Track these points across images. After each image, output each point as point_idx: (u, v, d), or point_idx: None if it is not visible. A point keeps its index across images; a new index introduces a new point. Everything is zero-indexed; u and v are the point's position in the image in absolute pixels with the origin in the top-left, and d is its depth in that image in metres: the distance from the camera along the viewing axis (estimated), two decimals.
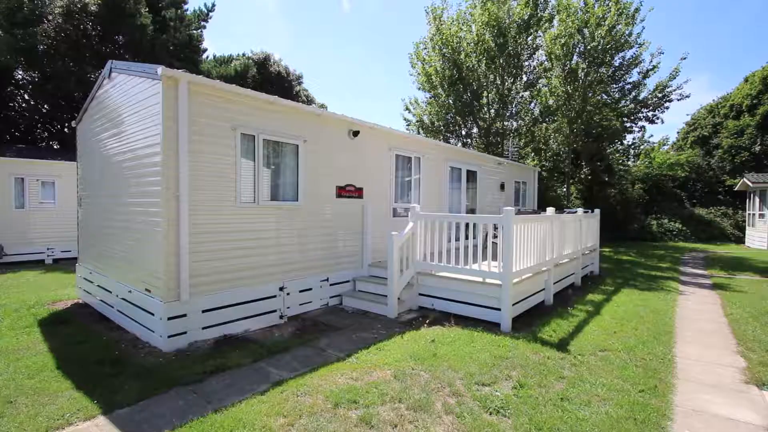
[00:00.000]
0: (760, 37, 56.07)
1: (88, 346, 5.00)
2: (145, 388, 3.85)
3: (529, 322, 5.96)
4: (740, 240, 21.78)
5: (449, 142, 18.63)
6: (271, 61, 26.66)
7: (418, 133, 19.28)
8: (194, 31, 21.86)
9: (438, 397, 3.64)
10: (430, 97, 18.68)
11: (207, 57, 25.69)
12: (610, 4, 15.71)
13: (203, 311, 5.09)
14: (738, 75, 52.41)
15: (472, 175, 11.30)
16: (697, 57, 58.27)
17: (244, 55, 26.91)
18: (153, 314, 4.96)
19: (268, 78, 25.76)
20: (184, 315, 4.92)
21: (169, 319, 4.79)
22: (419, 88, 18.78)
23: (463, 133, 19.16)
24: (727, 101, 31.78)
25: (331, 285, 6.82)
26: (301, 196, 6.30)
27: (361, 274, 7.40)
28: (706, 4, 59.29)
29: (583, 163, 21.76)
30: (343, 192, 7.00)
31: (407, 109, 20.08)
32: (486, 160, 11.96)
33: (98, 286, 6.61)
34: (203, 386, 3.91)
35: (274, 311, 5.88)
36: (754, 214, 20.09)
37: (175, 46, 20.15)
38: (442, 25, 17.06)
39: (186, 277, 4.84)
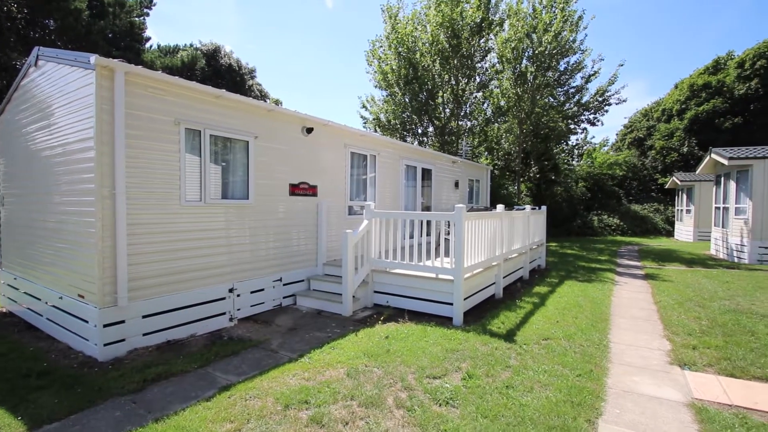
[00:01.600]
0: (689, 46, 61.56)
1: (13, 358, 4.57)
2: (77, 400, 3.58)
3: (480, 315, 6.17)
4: (670, 233, 23.83)
5: (406, 141, 18.83)
6: (222, 53, 25.59)
7: (375, 131, 19.31)
8: (136, 18, 20.52)
9: (390, 392, 3.67)
10: (387, 96, 18.78)
11: (150, 46, 24.21)
12: (556, 12, 16.56)
13: (144, 316, 4.80)
14: (670, 81, 57.32)
15: (427, 173, 11.50)
16: (634, 64, 63.02)
17: (191, 45, 25.63)
18: (87, 322, 4.61)
19: (218, 71, 24.73)
20: (122, 321, 4.61)
21: (105, 326, 4.48)
22: (376, 86, 18.83)
23: (420, 131, 19.44)
24: (660, 106, 34.64)
25: (284, 285, 6.68)
26: (252, 194, 6.11)
27: (316, 273, 7.31)
28: (644, 14, 64.21)
29: (532, 162, 22.83)
30: (296, 190, 6.87)
31: (364, 106, 20.06)
32: (441, 159, 12.22)
33: (25, 293, 6.05)
34: (143, 395, 3.70)
35: (224, 314, 5.67)
36: (681, 210, 22.06)
37: (115, 34, 18.82)
38: (397, 24, 17.18)
39: (124, 280, 4.54)
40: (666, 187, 24.54)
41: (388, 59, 17.73)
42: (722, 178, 14.32)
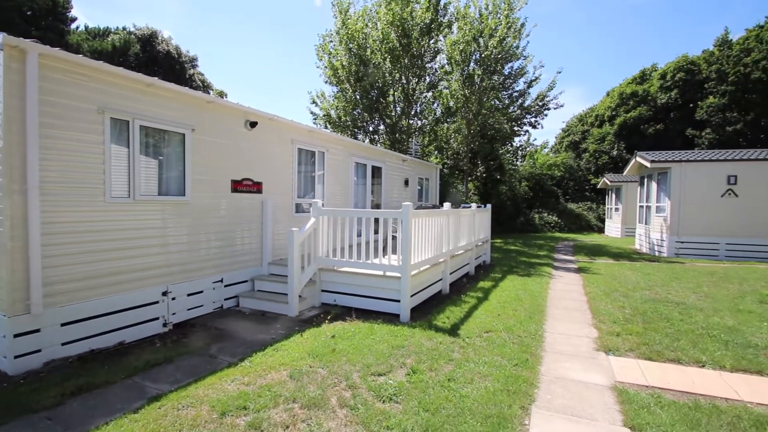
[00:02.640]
0: (619, 57, 66.93)
1: None
2: None
3: (426, 310, 6.28)
4: (601, 230, 25.81)
5: (357, 138, 18.75)
6: (159, 38, 23.88)
7: (326, 127, 19.04)
8: None
9: (334, 392, 3.62)
10: (337, 92, 18.59)
11: (77, 28, 22.12)
12: (501, 18, 17.24)
13: (63, 324, 4.36)
14: (603, 89, 62.11)
15: (377, 171, 11.52)
16: (572, 72, 67.51)
17: (125, 29, 23.66)
18: None
19: (154, 57, 23.06)
20: (37, 330, 4.16)
21: (16, 336, 4.02)
22: (326, 82, 18.57)
23: (371, 129, 19.45)
24: (593, 112, 37.36)
25: (226, 286, 6.38)
26: (189, 190, 5.75)
27: (261, 272, 7.06)
28: (580, 24, 68.85)
29: (479, 162, 23.69)
30: (239, 186, 6.58)
31: (314, 102, 19.70)
32: (391, 157, 12.29)
33: None
34: (62, 410, 3.36)
35: (157, 319, 5.29)
36: (611, 208, 23.96)
37: (34, 12, 16.94)
38: (348, 19, 17.03)
39: (38, 285, 4.09)
40: (598, 187, 26.55)
41: (339, 55, 17.55)
42: (645, 180, 15.71)
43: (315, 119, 19.67)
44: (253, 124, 6.77)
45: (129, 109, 4.98)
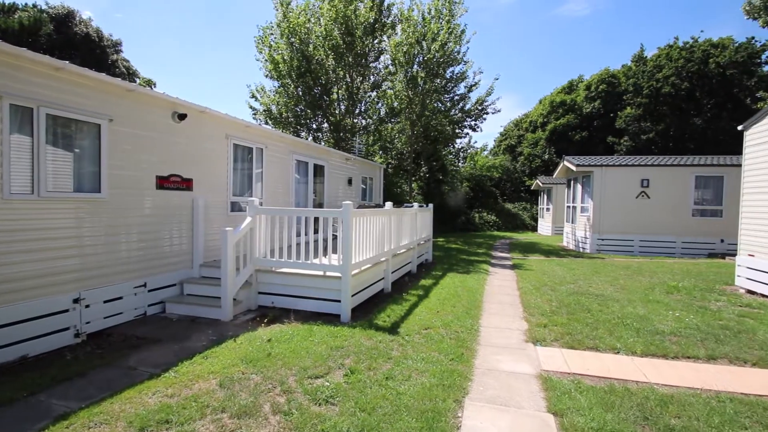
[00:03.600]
0: (551, 68, 71.95)
1: None
2: None
3: (368, 309, 6.26)
4: (535, 228, 27.55)
5: (300, 136, 18.33)
6: (77, 19, 21.55)
7: (266, 123, 18.38)
8: None
9: (267, 398, 3.47)
10: (279, 87, 18.02)
11: None
12: (443, 23, 17.73)
13: None
14: (537, 97, 66.46)
15: (320, 170, 11.33)
16: (510, 79, 71.50)
17: (35, 6, 21.08)
18: None
19: (70, 40, 20.76)
20: None
21: None
22: (267, 76, 17.94)
23: (314, 127, 19.11)
24: (528, 118, 39.77)
25: (150, 291, 5.89)
26: (106, 186, 5.22)
27: (191, 275, 6.62)
28: (516, 37, 73.00)
29: (423, 163, 24.21)
30: (165, 183, 6.11)
31: (254, 96, 18.91)
32: (334, 155, 12.15)
33: None
34: None
35: (67, 329, 4.75)
36: (543, 208, 25.66)
37: None
38: (290, 13, 16.58)
39: None
40: (532, 188, 28.33)
41: (280, 48, 17.02)
42: (572, 182, 16.99)
43: (255, 114, 18.91)
44: (182, 117, 6.32)
45: (33, 95, 4.41)
